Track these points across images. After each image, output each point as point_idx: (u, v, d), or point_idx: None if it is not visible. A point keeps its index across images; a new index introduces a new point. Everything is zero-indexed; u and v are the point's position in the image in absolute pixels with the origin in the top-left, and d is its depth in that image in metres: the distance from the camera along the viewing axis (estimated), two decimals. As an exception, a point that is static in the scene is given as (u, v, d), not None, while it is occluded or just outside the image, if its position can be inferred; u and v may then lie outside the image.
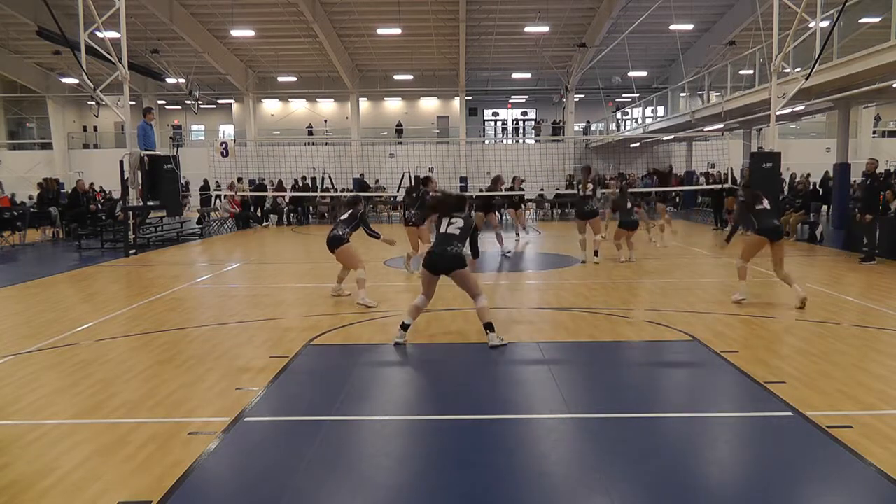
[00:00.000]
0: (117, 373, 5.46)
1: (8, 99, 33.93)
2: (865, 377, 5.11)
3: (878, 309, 7.62)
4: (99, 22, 12.48)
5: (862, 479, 3.52)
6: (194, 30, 25.89)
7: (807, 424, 4.19)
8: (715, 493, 3.46)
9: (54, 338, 6.66)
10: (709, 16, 25.83)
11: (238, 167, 23.65)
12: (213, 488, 3.59)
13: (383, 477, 3.66)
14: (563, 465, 3.77)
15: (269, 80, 33.35)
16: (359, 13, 24.98)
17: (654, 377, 5.61)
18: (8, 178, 29.59)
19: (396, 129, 34.48)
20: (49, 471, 3.64)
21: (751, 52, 17.99)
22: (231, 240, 17.96)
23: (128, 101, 13.65)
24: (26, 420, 4.43)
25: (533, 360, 5.83)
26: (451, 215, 6.34)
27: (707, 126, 22.01)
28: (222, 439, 4.06)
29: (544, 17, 24.36)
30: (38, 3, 20.26)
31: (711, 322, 7.04)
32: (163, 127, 33.62)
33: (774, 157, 12.21)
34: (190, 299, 8.96)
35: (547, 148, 32.52)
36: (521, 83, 34.18)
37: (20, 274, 11.48)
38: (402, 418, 4.58)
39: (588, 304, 8.05)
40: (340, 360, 5.94)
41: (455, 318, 7.38)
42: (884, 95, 15.65)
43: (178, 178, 13.62)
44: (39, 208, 18.71)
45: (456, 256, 6.10)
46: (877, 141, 33.04)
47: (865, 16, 13.72)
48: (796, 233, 14.92)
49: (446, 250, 6.12)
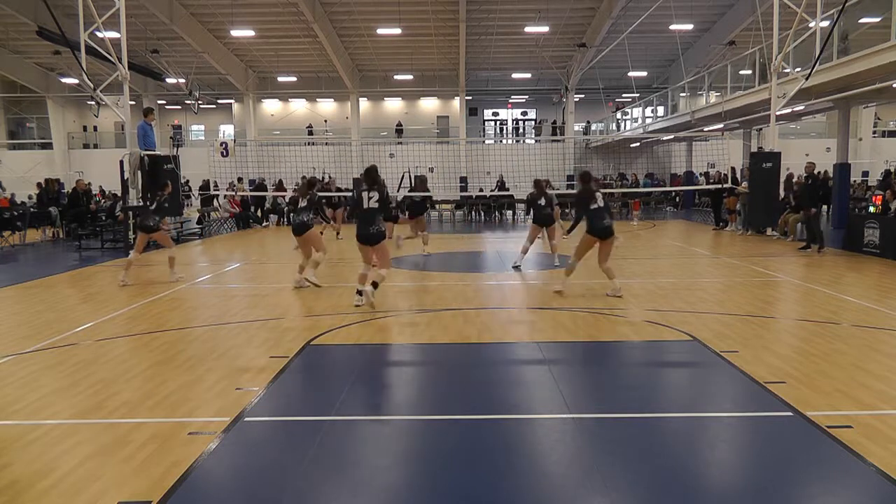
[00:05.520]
0: (117, 373, 5.46)
1: (8, 99, 33.93)
2: (865, 377, 5.11)
3: (878, 309, 7.62)
4: (99, 22, 12.48)
5: (862, 479, 3.52)
6: (194, 30, 25.90)
7: (807, 424, 4.19)
8: (715, 493, 3.46)
9: (54, 338, 6.66)
10: (709, 16, 25.83)
11: (238, 167, 23.65)
12: (213, 488, 3.59)
13: (383, 477, 3.66)
14: (563, 465, 3.77)
15: (269, 80, 33.35)
16: (359, 13, 24.99)
17: (654, 377, 5.61)
18: (8, 178, 29.60)
19: (396, 129, 34.47)
20: (49, 471, 3.64)
21: (751, 52, 17.99)
22: (231, 240, 17.96)
23: (128, 101, 13.64)
24: (26, 420, 4.43)
25: (533, 360, 5.83)
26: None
27: (707, 126, 22.01)
28: (222, 439, 4.06)
29: (544, 17, 24.36)
30: (38, 3, 20.30)
31: (711, 322, 7.04)
32: (163, 127, 33.61)
33: (774, 157, 12.20)
34: (190, 299, 8.96)
35: (547, 148, 32.52)
36: (521, 83, 34.18)
37: (20, 274, 11.48)
38: (402, 418, 4.58)
39: (588, 304, 8.05)
40: (340, 360, 5.94)
41: (455, 318, 7.38)
42: (884, 95, 15.66)
43: (178, 178, 13.61)
44: (39, 208, 18.71)
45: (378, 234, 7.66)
46: (877, 141, 33.04)
47: (865, 16, 13.71)
48: (795, 233, 14.91)
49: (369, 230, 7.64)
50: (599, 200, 8.20)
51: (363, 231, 7.73)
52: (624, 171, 31.76)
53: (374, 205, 7.64)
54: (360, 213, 7.82)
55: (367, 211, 7.69)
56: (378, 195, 7.66)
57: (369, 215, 7.72)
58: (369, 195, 7.66)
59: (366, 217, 7.70)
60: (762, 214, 12.73)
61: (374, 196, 7.65)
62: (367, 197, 7.66)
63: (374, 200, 7.64)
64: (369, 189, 7.71)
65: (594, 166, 32.37)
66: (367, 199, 7.66)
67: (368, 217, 7.68)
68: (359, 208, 7.84)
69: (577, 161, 32.63)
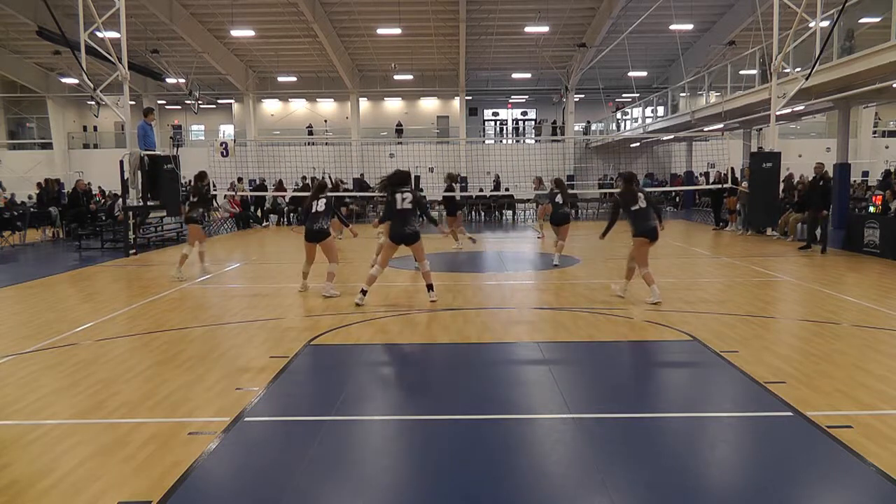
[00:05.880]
0: (117, 373, 5.46)
1: (8, 99, 33.91)
2: (865, 377, 5.11)
3: (878, 309, 7.62)
4: (99, 22, 12.47)
5: (862, 479, 3.52)
6: (194, 30, 25.89)
7: (807, 424, 4.19)
8: (715, 493, 3.46)
9: (54, 338, 6.66)
10: (709, 16, 25.82)
11: (238, 167, 23.64)
12: (213, 488, 3.59)
13: (383, 477, 3.66)
14: (563, 465, 3.77)
15: (269, 80, 33.34)
16: (359, 13, 24.98)
17: (655, 377, 5.61)
18: (8, 178, 29.59)
19: (396, 129, 34.47)
20: (49, 471, 3.64)
21: (751, 52, 17.98)
22: (231, 240, 17.96)
23: (128, 101, 13.63)
24: (26, 420, 4.43)
25: (533, 360, 5.83)
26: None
27: (707, 126, 22.01)
28: (222, 439, 4.06)
29: (544, 17, 24.35)
30: (38, 3, 20.29)
31: (711, 322, 7.04)
32: (163, 127, 33.60)
33: (774, 157, 12.19)
34: (190, 299, 8.96)
35: (547, 148, 32.51)
36: (521, 83, 34.16)
37: (20, 274, 11.48)
38: (402, 418, 4.58)
39: (588, 304, 8.05)
40: (340, 360, 5.94)
41: (455, 318, 7.38)
42: (884, 95, 15.64)
43: (178, 178, 13.61)
44: (39, 208, 18.71)
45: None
46: (877, 141, 33.03)
47: (866, 16, 13.70)
48: (795, 233, 14.91)
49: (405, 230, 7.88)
50: (641, 201, 8.02)
51: (398, 231, 7.91)
52: (624, 171, 31.74)
53: (407, 206, 7.90)
54: (395, 213, 7.98)
55: (402, 211, 7.91)
56: (412, 196, 7.93)
57: (404, 216, 7.92)
58: (403, 196, 7.89)
59: (401, 217, 7.91)
60: (762, 214, 12.71)
61: (408, 197, 7.90)
62: (401, 198, 7.89)
63: (407, 201, 7.89)
64: (402, 190, 7.96)
65: (594, 166, 32.39)
66: (402, 201, 7.89)
67: (404, 217, 7.91)
68: (392, 209, 8.02)
69: (577, 161, 32.61)
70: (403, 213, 7.92)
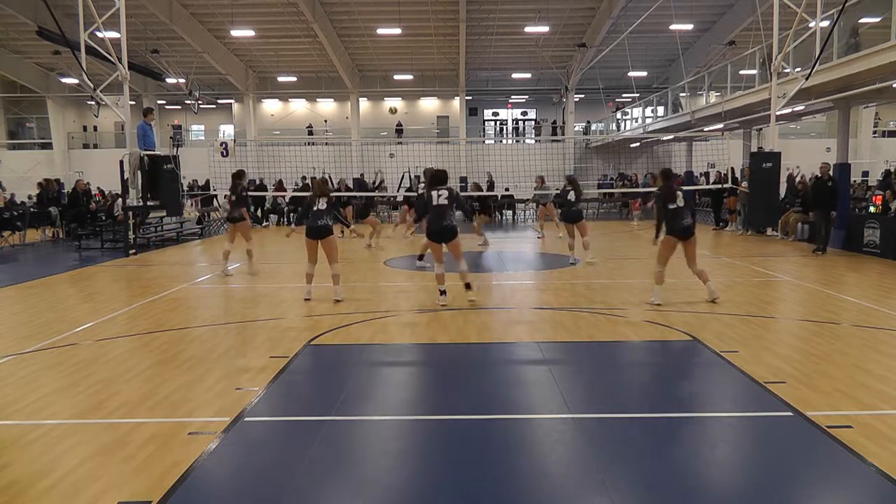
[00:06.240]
0: (117, 373, 5.46)
1: (8, 99, 33.90)
2: (865, 377, 5.11)
3: (878, 309, 7.62)
4: (99, 22, 12.46)
5: (862, 479, 3.52)
6: (194, 30, 25.88)
7: (807, 424, 4.19)
8: (715, 493, 3.46)
9: (54, 338, 6.65)
10: (709, 16, 25.81)
11: (238, 167, 23.56)
12: (213, 488, 3.59)
13: (383, 477, 3.66)
14: (563, 465, 3.77)
15: (269, 80, 33.33)
16: (359, 13, 24.97)
17: (654, 377, 5.61)
18: (8, 178, 29.57)
19: (396, 129, 34.47)
20: (49, 471, 3.64)
21: (751, 52, 17.98)
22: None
23: (128, 101, 13.62)
24: (26, 420, 4.43)
25: (533, 360, 5.83)
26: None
27: (707, 126, 22.00)
28: (222, 439, 4.06)
29: (544, 17, 24.34)
30: (38, 3, 20.27)
31: (711, 322, 7.04)
32: (163, 127, 33.59)
33: (774, 157, 12.19)
34: (190, 299, 8.96)
35: (547, 148, 32.51)
36: (521, 83, 34.14)
37: (20, 274, 11.47)
38: (402, 418, 4.58)
39: (588, 304, 8.05)
40: (340, 360, 5.94)
41: (455, 318, 7.38)
42: (884, 95, 15.63)
43: (178, 178, 13.61)
44: (39, 208, 18.71)
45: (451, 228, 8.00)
46: (877, 141, 33.01)
47: (866, 16, 13.69)
48: (795, 233, 14.91)
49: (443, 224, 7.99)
50: (679, 200, 7.84)
51: (436, 226, 8.02)
52: (624, 170, 31.74)
53: (443, 201, 8.05)
54: (431, 209, 8.11)
55: (438, 207, 8.06)
56: (448, 192, 8.07)
57: (440, 211, 8.04)
58: (438, 193, 8.07)
59: (438, 212, 8.05)
60: (762, 214, 12.71)
61: (444, 193, 8.05)
62: (437, 194, 8.07)
63: (443, 198, 8.04)
64: (439, 188, 8.14)
65: (594, 166, 32.37)
66: (437, 197, 8.06)
67: (440, 212, 8.05)
68: (428, 206, 8.18)
69: (577, 161, 32.59)
70: (440, 209, 8.06)
